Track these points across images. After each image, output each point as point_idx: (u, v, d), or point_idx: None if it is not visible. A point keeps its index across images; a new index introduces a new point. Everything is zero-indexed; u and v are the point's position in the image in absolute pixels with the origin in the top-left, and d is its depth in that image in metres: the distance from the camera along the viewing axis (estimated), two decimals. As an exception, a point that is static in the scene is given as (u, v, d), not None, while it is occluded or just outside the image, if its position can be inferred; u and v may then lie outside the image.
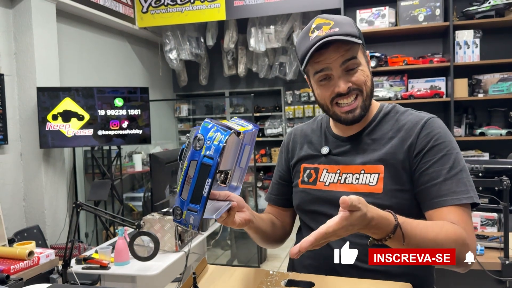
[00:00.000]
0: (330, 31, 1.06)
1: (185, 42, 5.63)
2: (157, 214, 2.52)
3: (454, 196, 1.00)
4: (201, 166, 0.75)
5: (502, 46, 4.24)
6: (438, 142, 1.05)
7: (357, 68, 1.09)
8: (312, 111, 5.98)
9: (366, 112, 1.12)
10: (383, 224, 0.87)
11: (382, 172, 1.07)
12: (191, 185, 0.75)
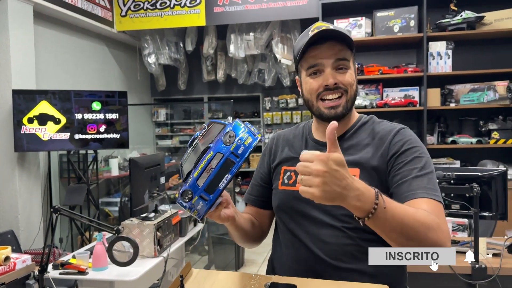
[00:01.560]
0: (329, 29, 1.13)
1: (164, 46, 5.63)
2: (136, 219, 2.52)
3: (424, 190, 1.03)
4: (226, 160, 0.77)
5: (473, 58, 4.41)
6: (410, 146, 1.11)
7: (347, 70, 1.15)
8: (290, 118, 6.06)
9: (347, 113, 1.18)
10: (365, 191, 0.86)
11: (357, 175, 1.12)
12: (210, 175, 0.77)
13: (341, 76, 1.14)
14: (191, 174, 0.79)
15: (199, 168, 0.77)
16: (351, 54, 1.16)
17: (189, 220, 3.02)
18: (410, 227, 0.91)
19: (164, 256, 2.49)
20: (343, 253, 1.10)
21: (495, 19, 4.19)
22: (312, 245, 1.12)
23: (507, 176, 2.21)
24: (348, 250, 1.10)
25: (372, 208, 0.86)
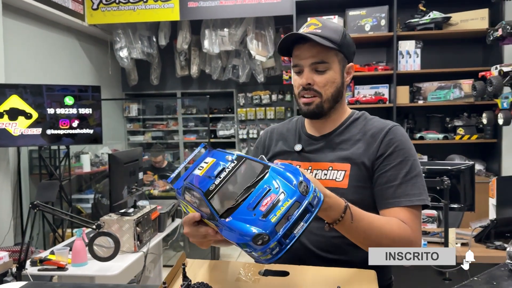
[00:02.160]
0: (313, 31, 1.17)
1: (137, 41, 5.56)
2: (115, 214, 2.51)
3: (407, 198, 1.13)
4: (303, 210, 0.80)
5: (440, 57, 4.59)
6: (398, 148, 1.17)
7: (326, 71, 1.19)
8: (263, 114, 6.11)
9: (324, 111, 1.22)
10: (334, 203, 0.97)
11: (348, 170, 1.18)
12: (288, 223, 0.78)
13: (319, 77, 1.19)
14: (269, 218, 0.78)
15: (277, 213, 0.78)
16: (333, 54, 1.19)
17: (167, 215, 3.03)
18: (373, 238, 1.05)
19: (144, 251, 2.50)
20: (330, 245, 1.16)
21: (461, 19, 4.37)
22: (303, 237, 1.17)
23: (475, 170, 2.33)
24: (335, 242, 1.15)
25: (338, 219, 0.99)
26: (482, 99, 4.18)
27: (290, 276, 1.02)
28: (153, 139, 6.73)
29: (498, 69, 3.67)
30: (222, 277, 1.02)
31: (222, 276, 1.03)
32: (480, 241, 2.39)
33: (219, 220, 0.83)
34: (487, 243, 2.35)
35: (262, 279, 1.02)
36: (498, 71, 3.65)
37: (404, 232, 1.08)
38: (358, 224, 1.02)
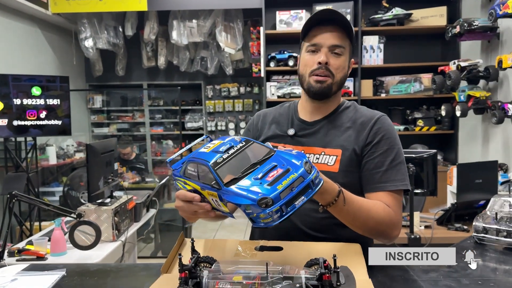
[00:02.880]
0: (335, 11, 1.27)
1: (103, 31, 5.46)
2: (92, 204, 2.52)
3: (392, 183, 1.24)
4: (307, 185, 0.89)
5: (402, 52, 4.80)
6: (385, 137, 1.27)
7: (341, 56, 1.28)
8: (232, 106, 6.17)
9: (331, 93, 1.30)
10: (329, 187, 1.07)
11: (339, 155, 1.27)
12: (291, 193, 0.86)
13: (334, 59, 1.27)
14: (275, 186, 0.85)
15: (283, 183, 0.86)
16: (349, 45, 1.29)
17: (143, 205, 3.05)
18: (361, 220, 1.16)
19: (122, 240, 2.53)
20: (320, 225, 1.25)
21: (421, 16, 4.59)
22: (294, 217, 1.26)
23: (437, 158, 2.51)
24: (325, 223, 1.25)
25: (332, 202, 1.08)
26: (440, 93, 4.43)
27: (284, 250, 1.11)
28: (118, 131, 6.64)
29: (456, 64, 3.91)
30: (221, 253, 1.10)
31: (221, 252, 1.10)
32: (442, 223, 2.58)
33: (224, 188, 0.89)
34: (448, 225, 2.54)
35: (259, 254, 1.10)
36: (456, 66, 3.89)
37: (388, 215, 1.19)
38: (349, 207, 1.11)
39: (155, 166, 6.49)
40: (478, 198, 2.56)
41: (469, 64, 3.83)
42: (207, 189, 0.94)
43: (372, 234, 1.23)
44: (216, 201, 0.93)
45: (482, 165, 2.78)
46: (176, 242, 1.13)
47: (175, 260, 1.09)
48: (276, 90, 4.73)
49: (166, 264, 1.05)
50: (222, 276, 0.88)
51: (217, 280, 0.87)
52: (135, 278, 1.10)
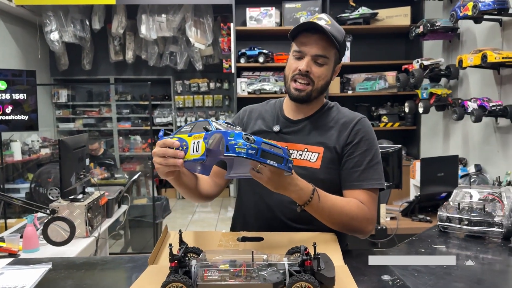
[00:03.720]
0: (324, 25, 1.29)
1: (69, 24, 5.34)
2: (64, 201, 2.50)
3: (369, 182, 1.31)
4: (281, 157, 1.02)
5: (368, 50, 4.95)
6: (365, 138, 1.34)
7: (324, 65, 1.32)
8: (201, 102, 6.17)
9: (311, 99, 1.36)
10: (305, 186, 1.15)
11: (321, 153, 1.34)
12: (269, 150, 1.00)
13: (316, 68, 1.32)
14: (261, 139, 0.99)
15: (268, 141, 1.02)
16: (334, 54, 1.33)
17: (115, 201, 3.04)
18: (335, 217, 1.23)
19: (96, 236, 2.52)
20: (300, 217, 1.31)
21: (386, 16, 4.75)
22: (275, 208, 1.32)
23: (402, 152, 2.64)
24: (304, 215, 1.31)
25: (307, 200, 1.16)
26: (404, 90, 4.61)
27: (265, 241, 1.17)
28: (84, 126, 6.52)
29: (419, 62, 4.08)
30: (206, 244, 1.15)
31: (205, 244, 1.15)
32: (406, 215, 2.72)
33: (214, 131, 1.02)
34: (412, 216, 2.67)
35: (241, 244, 1.16)
36: (419, 64, 4.06)
37: (362, 211, 1.26)
38: (324, 205, 1.19)
39: (124, 162, 6.42)
40: (440, 190, 2.71)
41: (431, 63, 4.01)
42: (194, 134, 1.06)
43: (347, 230, 1.29)
44: (198, 142, 1.04)
45: (443, 160, 2.94)
46: (161, 234, 1.17)
47: (161, 252, 1.13)
48: (246, 86, 4.78)
49: (153, 255, 1.09)
50: (210, 265, 0.93)
51: (205, 269, 0.92)
52: (122, 270, 1.13)
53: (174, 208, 5.96)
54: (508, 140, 3.40)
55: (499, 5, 3.21)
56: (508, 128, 3.41)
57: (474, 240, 1.34)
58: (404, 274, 1.05)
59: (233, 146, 0.96)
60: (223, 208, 6.05)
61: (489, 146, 3.69)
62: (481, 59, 3.26)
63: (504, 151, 3.48)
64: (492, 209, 1.40)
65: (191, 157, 1.05)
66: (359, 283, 0.95)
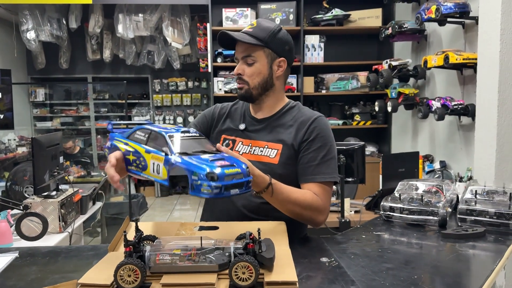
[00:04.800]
0: (247, 30, 1.43)
1: (45, 23, 5.34)
2: (38, 197, 2.56)
3: (322, 175, 1.42)
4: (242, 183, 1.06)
5: (341, 51, 5.09)
6: (320, 135, 1.45)
7: (253, 64, 1.44)
8: (180, 100, 6.23)
9: (253, 96, 1.48)
10: (261, 180, 1.25)
11: (280, 149, 1.45)
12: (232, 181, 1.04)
13: (247, 68, 1.45)
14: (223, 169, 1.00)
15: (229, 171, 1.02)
16: (260, 50, 1.44)
17: (89, 198, 3.11)
18: (288, 207, 1.33)
19: (69, 232, 2.59)
20: (260, 209, 1.42)
21: (359, 17, 4.89)
22: (238, 202, 1.44)
23: (365, 149, 2.77)
24: (265, 207, 1.41)
25: (263, 190, 1.26)
26: (375, 89, 4.76)
27: (220, 229, 1.27)
28: (62, 125, 6.52)
29: (388, 63, 4.23)
30: (164, 233, 1.24)
31: (163, 233, 1.24)
32: (370, 208, 2.85)
33: (175, 155, 1.02)
34: (375, 209, 2.81)
35: (198, 233, 1.26)
36: (388, 64, 4.22)
37: (316, 202, 1.37)
38: (278, 196, 1.30)
39: (101, 160, 6.45)
40: (401, 185, 2.84)
41: (399, 63, 4.16)
42: (153, 153, 1.06)
43: (300, 219, 1.39)
44: (158, 165, 1.04)
45: (405, 156, 3.07)
46: (122, 225, 1.26)
47: (121, 240, 1.22)
48: (223, 85, 4.87)
49: (113, 243, 1.17)
50: (163, 249, 1.03)
51: (158, 253, 1.01)
52: (84, 257, 1.21)
53: (153, 206, 6.02)
54: (470, 137, 3.57)
55: (460, 8, 3.38)
56: (470, 126, 3.58)
57: (414, 228, 1.47)
58: (341, 256, 1.17)
59: (199, 187, 0.99)
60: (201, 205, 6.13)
61: (453, 143, 3.87)
62: (443, 60, 3.42)
63: (467, 148, 3.66)
64: (434, 200, 1.52)
65: (153, 176, 1.06)
66: (299, 264, 1.06)
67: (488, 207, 1.41)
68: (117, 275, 0.95)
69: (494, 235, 1.35)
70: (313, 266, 1.09)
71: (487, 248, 1.27)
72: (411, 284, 0.98)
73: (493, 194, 1.50)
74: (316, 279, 1.01)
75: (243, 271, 0.95)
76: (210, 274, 0.98)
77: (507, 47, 2.80)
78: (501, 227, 1.38)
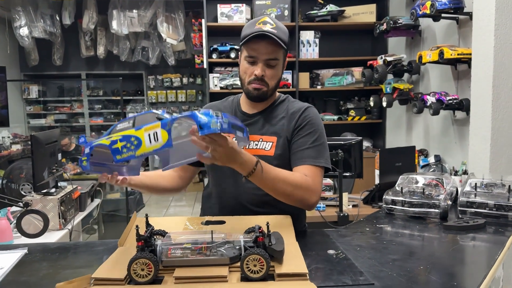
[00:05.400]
0: (271, 30, 1.41)
1: (39, 19, 5.31)
2: (37, 194, 2.56)
3: (312, 159, 1.45)
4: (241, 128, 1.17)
5: (336, 46, 5.11)
6: (310, 123, 1.49)
7: (275, 67, 1.46)
8: (175, 96, 6.22)
9: (267, 97, 1.50)
10: (248, 159, 1.23)
11: (275, 142, 1.48)
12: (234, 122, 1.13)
13: (269, 71, 1.45)
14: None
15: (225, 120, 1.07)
16: (283, 52, 1.46)
17: (87, 195, 3.11)
18: (279, 186, 1.32)
19: (69, 228, 2.59)
20: (262, 201, 1.44)
21: (353, 13, 4.91)
22: (239, 196, 1.45)
23: (363, 144, 2.80)
24: (265, 199, 1.43)
25: (251, 171, 1.24)
26: (370, 85, 4.80)
27: (227, 224, 1.29)
28: (56, 122, 6.48)
29: (383, 58, 4.26)
30: (172, 228, 1.26)
31: (172, 227, 1.26)
32: (367, 202, 2.88)
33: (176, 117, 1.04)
34: (372, 203, 2.84)
35: (204, 227, 1.27)
36: (383, 60, 4.24)
37: (305, 181, 1.37)
38: (268, 176, 1.29)
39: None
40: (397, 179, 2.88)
41: (394, 58, 4.19)
42: (146, 126, 1.06)
43: (292, 200, 1.38)
44: (155, 133, 1.04)
45: (401, 150, 3.11)
46: (130, 220, 1.27)
47: (130, 236, 1.23)
48: (219, 82, 4.87)
49: (122, 238, 1.19)
50: (174, 243, 1.04)
51: (169, 247, 1.03)
52: (93, 252, 1.22)
53: (149, 203, 6.02)
54: (465, 131, 3.61)
55: (455, 4, 3.41)
56: (464, 120, 3.63)
57: (415, 220, 1.50)
58: (347, 249, 1.19)
59: (207, 124, 1.00)
60: (198, 201, 6.14)
61: (447, 137, 3.91)
62: (438, 55, 3.46)
63: (461, 142, 3.71)
64: (435, 193, 1.55)
65: (151, 149, 1.06)
66: (307, 256, 1.08)
67: (487, 199, 1.45)
68: (131, 269, 0.96)
69: (494, 226, 1.39)
70: (321, 258, 1.11)
71: (488, 239, 1.30)
72: (418, 274, 1.00)
73: (491, 186, 1.54)
74: (325, 270, 1.03)
75: (254, 263, 0.97)
76: (222, 267, 1.00)
77: (501, 42, 2.84)
78: (500, 218, 1.41)
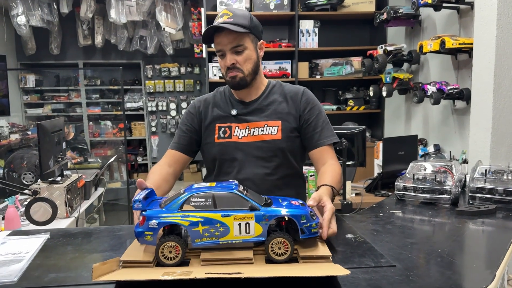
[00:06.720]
0: (227, 20, 1.44)
1: (36, 7, 5.24)
2: (44, 183, 2.57)
3: (328, 138, 1.55)
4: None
5: (335, 36, 5.11)
6: (313, 104, 1.57)
7: (243, 51, 1.48)
8: (172, 86, 6.20)
9: (247, 82, 1.53)
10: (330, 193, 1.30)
11: (280, 125, 1.53)
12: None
13: (239, 57, 1.48)
14: None
15: None
16: (247, 36, 1.48)
17: (92, 184, 3.12)
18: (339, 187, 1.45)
19: (76, 216, 2.60)
20: (271, 185, 1.48)
21: (352, 2, 4.90)
22: (248, 182, 1.47)
23: (366, 133, 2.82)
24: (275, 183, 1.47)
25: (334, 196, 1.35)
26: (369, 75, 4.82)
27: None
28: (53, 111, 6.44)
29: (383, 48, 4.28)
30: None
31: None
32: (370, 191, 2.93)
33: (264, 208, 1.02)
34: (375, 192, 2.89)
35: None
36: (383, 50, 4.26)
37: (339, 167, 1.50)
38: (336, 186, 1.38)
39: (94, 147, 6.41)
40: (400, 168, 2.91)
41: (394, 48, 4.22)
42: (235, 214, 1.00)
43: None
44: (247, 224, 1.00)
45: (404, 139, 3.16)
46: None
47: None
48: (218, 71, 4.87)
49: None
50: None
51: (194, 231, 1.04)
52: (116, 237, 1.24)
53: (147, 192, 6.02)
54: (464, 121, 3.66)
55: (456, -6, 3.44)
56: (464, 110, 3.67)
57: (427, 206, 1.54)
58: (365, 233, 1.22)
59: (309, 229, 1.02)
60: (196, 191, 6.15)
61: (447, 127, 3.96)
62: (439, 45, 3.48)
63: (461, 132, 3.75)
64: (443, 179, 1.59)
65: (238, 239, 1.00)
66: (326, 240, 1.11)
67: (497, 185, 1.48)
68: (159, 252, 0.98)
69: (504, 211, 1.43)
70: (340, 242, 1.14)
71: (499, 224, 1.34)
72: (437, 256, 1.03)
73: (499, 173, 1.57)
74: (346, 253, 1.06)
75: (279, 246, 1.00)
76: (246, 250, 1.02)
77: (504, 31, 2.87)
78: (510, 204, 1.45)
